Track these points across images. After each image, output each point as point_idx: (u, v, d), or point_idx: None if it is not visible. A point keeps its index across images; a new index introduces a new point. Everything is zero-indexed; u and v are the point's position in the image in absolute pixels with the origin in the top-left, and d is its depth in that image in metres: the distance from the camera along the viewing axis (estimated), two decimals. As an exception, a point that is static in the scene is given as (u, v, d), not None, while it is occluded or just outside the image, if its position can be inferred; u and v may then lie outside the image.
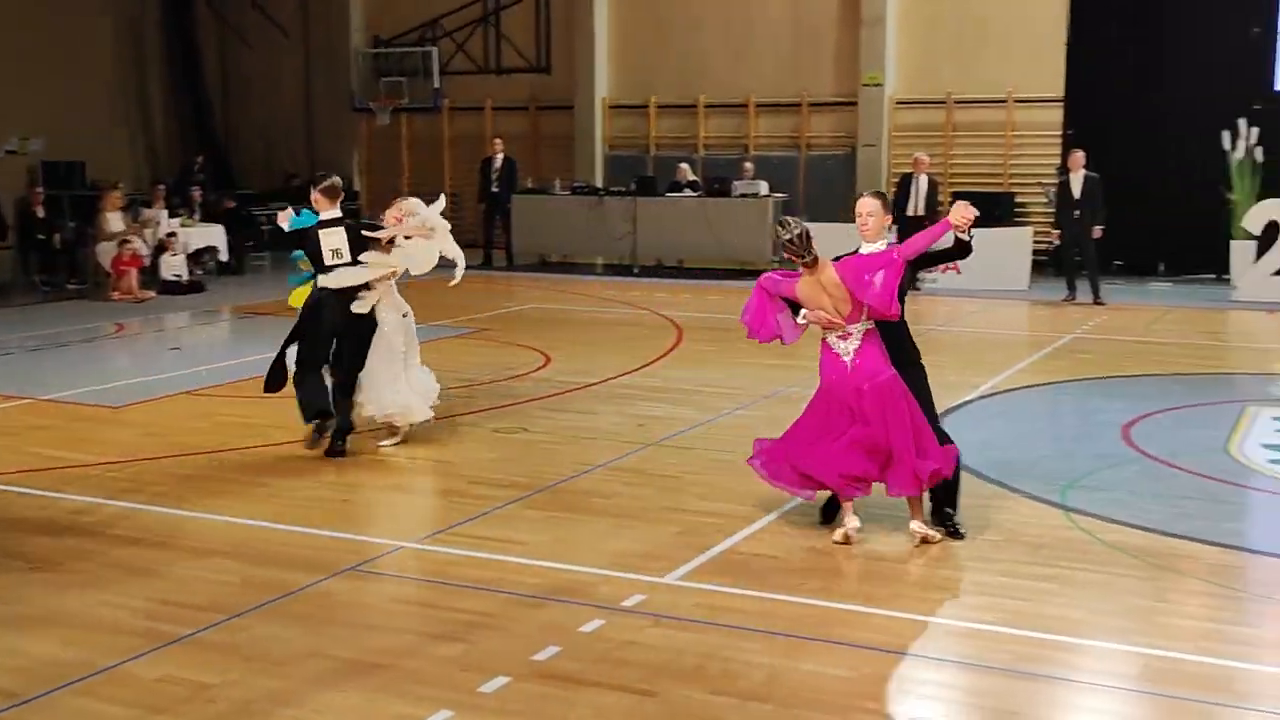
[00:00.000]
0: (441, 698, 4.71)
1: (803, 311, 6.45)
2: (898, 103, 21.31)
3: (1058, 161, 18.67)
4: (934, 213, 17.86)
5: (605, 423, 9.36)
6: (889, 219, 6.58)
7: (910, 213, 17.65)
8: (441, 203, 8.67)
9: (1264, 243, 16.30)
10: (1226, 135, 17.31)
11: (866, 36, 21.09)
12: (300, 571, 6.09)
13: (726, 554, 6.37)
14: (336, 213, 8.40)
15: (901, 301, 6.30)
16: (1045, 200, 18.53)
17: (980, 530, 6.75)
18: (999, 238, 18.38)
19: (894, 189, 18.60)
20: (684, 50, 22.60)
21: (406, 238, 8.45)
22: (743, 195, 19.43)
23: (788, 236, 6.33)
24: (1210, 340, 13.69)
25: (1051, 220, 17.46)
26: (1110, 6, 18.83)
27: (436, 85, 23.26)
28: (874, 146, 21.24)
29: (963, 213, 6.24)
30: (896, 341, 6.50)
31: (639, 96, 23.17)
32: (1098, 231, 16.21)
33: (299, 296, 8.63)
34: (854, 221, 6.57)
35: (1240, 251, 16.70)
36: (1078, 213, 16.26)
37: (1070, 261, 16.77)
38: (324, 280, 8.24)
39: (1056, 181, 17.37)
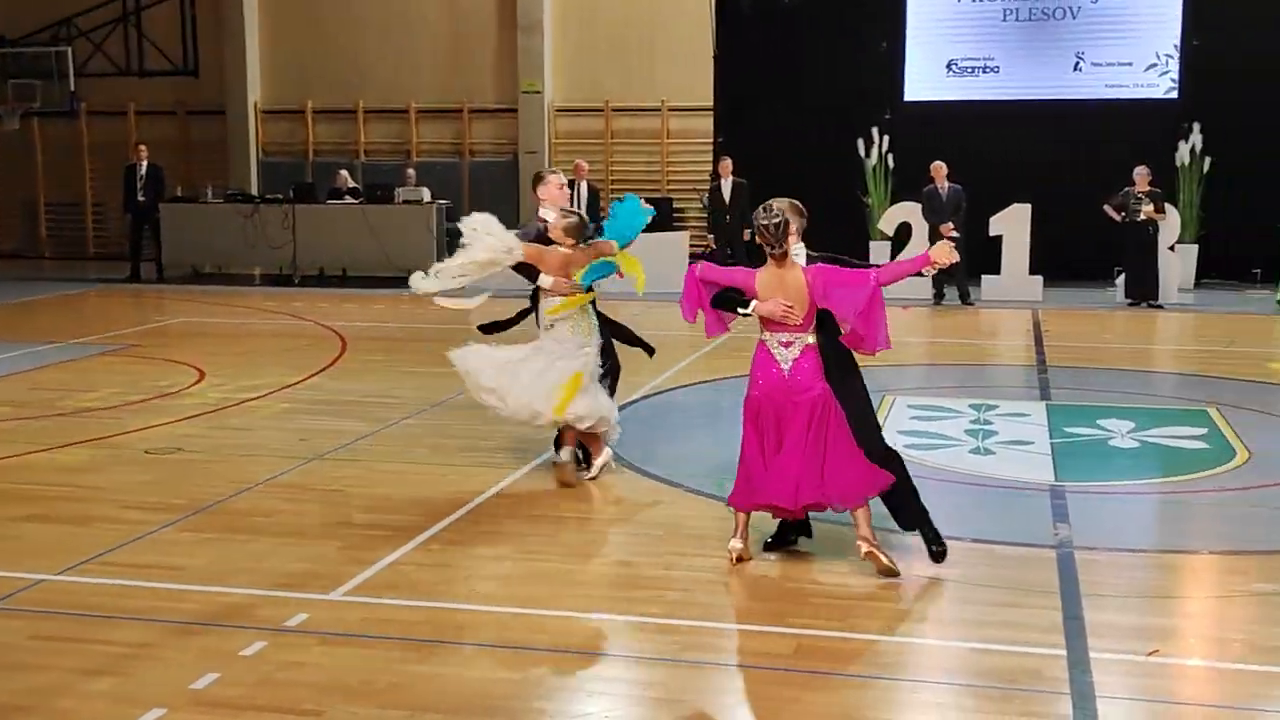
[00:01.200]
0: (88, 738, 4.42)
1: (754, 303, 6.00)
2: (558, 109, 21.63)
3: (710, 167, 19.40)
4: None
5: (265, 438, 9.04)
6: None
7: (572, 218, 17.92)
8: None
9: (898, 243, 17.47)
10: (861, 143, 18.45)
11: (524, 43, 21.31)
12: (-77, 614, 5.58)
13: (394, 566, 6.26)
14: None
15: None
16: (700, 205, 19.23)
17: (644, 525, 6.92)
18: (658, 242, 18.93)
19: (556, 195, 18.80)
20: (341, 54, 22.19)
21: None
22: (406, 202, 19.21)
23: (766, 222, 5.92)
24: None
25: (706, 224, 18.14)
26: (752, 19, 19.71)
27: (72, 88, 21.83)
28: (536, 153, 21.49)
29: (947, 255, 5.92)
30: (839, 350, 6.16)
31: (294, 101, 22.57)
32: (747, 234, 16.96)
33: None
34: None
35: (878, 252, 17.82)
36: (729, 217, 16.97)
37: (725, 264, 17.43)
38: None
39: (710, 188, 18.05)
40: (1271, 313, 15.89)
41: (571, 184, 18.03)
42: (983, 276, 17.15)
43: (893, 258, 17.43)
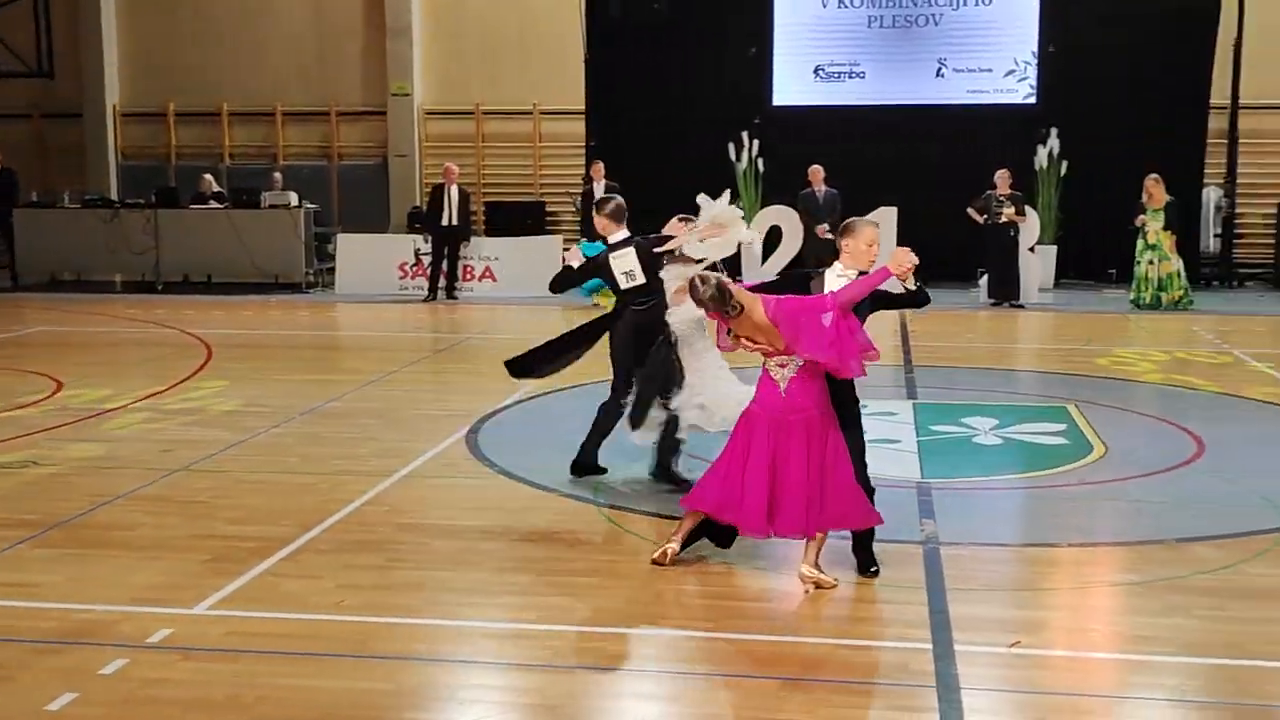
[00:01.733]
0: (-64, 765, 4.24)
1: (731, 332, 5.96)
2: (427, 113, 21.45)
3: (582, 171, 19.40)
4: (467, 224, 18.14)
5: (126, 450, 8.78)
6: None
7: (445, 223, 17.82)
8: (726, 196, 7.54)
9: (768, 246, 17.68)
10: (732, 147, 18.64)
11: (393, 46, 21.09)
12: None
13: (261, 577, 6.13)
14: (624, 233, 7.74)
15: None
16: (573, 209, 19.22)
17: (521, 532, 6.88)
18: (531, 246, 18.92)
19: (426, 200, 18.72)
20: (203, 55, 21.72)
21: (700, 240, 7.40)
22: (272, 206, 18.85)
23: (706, 295, 5.79)
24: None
25: (578, 228, 18.15)
26: (623, 24, 19.78)
27: (-82, 89, 21.03)
28: (406, 157, 21.29)
29: (901, 261, 5.78)
30: (838, 393, 6.00)
31: (155, 103, 22.04)
32: (623, 238, 17.00)
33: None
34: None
35: (748, 254, 18.00)
36: (602, 220, 16.96)
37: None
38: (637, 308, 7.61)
39: (582, 191, 18.06)
40: (1127, 311, 16.42)
41: (441, 188, 17.97)
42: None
43: (764, 260, 17.67)
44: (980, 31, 19.44)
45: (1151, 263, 16.55)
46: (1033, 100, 19.29)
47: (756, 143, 18.69)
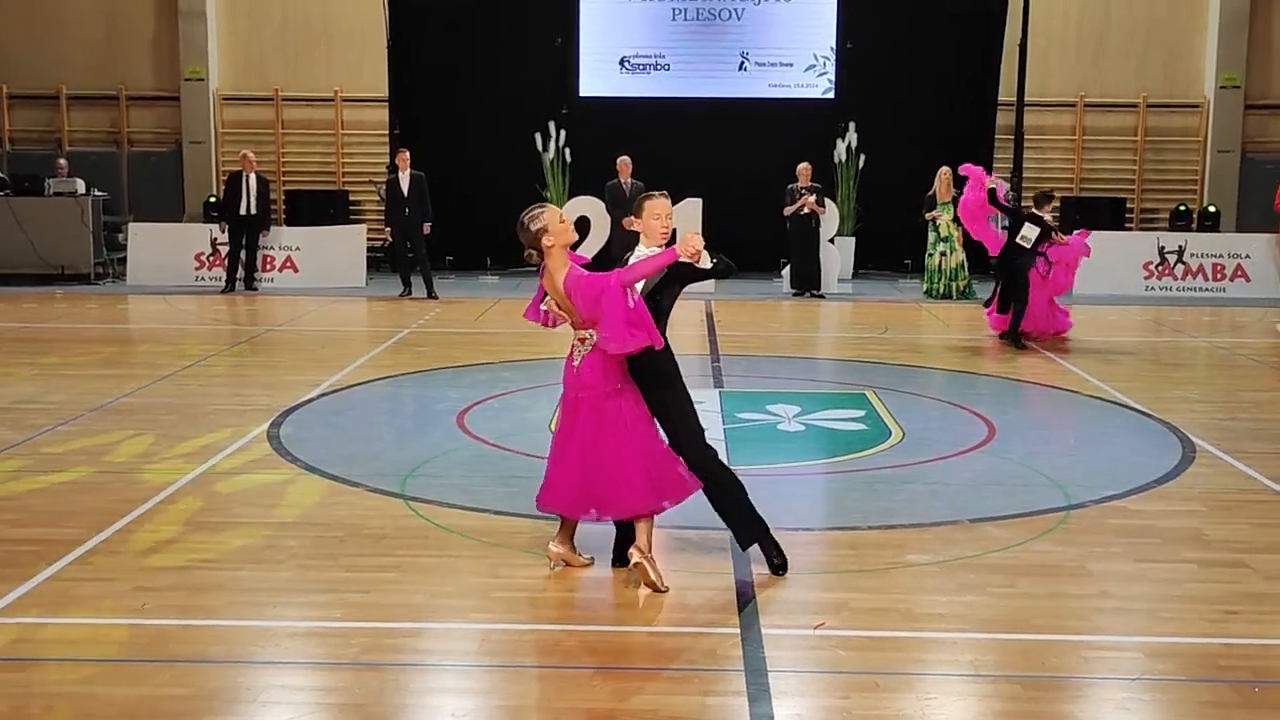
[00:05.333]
0: None
1: (546, 298, 5.96)
2: (224, 98, 20.78)
3: (387, 160, 19.09)
4: (266, 213, 17.67)
5: (-101, 451, 8.28)
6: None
7: (243, 212, 17.34)
8: None
9: (577, 236, 17.68)
10: (539, 137, 18.61)
11: (186, 29, 20.36)
12: None
13: (49, 583, 5.84)
14: None
15: (661, 319, 5.86)
16: (377, 198, 18.91)
17: (323, 527, 6.73)
18: (334, 236, 18.55)
19: (223, 188, 18.18)
20: (-21, 35, 20.59)
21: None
22: (57, 194, 18.00)
23: (519, 226, 5.84)
24: (535, 328, 14.57)
25: (383, 218, 17.88)
26: (427, 11, 19.53)
27: None
28: (201, 143, 20.61)
29: (688, 244, 5.64)
30: (646, 360, 5.85)
31: (-73, 85, 20.79)
32: (427, 228, 16.83)
33: None
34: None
35: (556, 245, 18.01)
36: (407, 210, 16.77)
37: (404, 258, 17.25)
38: None
39: (386, 180, 17.78)
40: (920, 301, 17.00)
41: (238, 175, 17.45)
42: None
43: (575, 249, 17.65)
44: (781, 26, 19.85)
45: (944, 254, 17.17)
46: (832, 95, 19.79)
47: (564, 133, 18.71)
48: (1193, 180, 20.85)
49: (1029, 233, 12.90)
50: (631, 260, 5.95)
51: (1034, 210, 13.14)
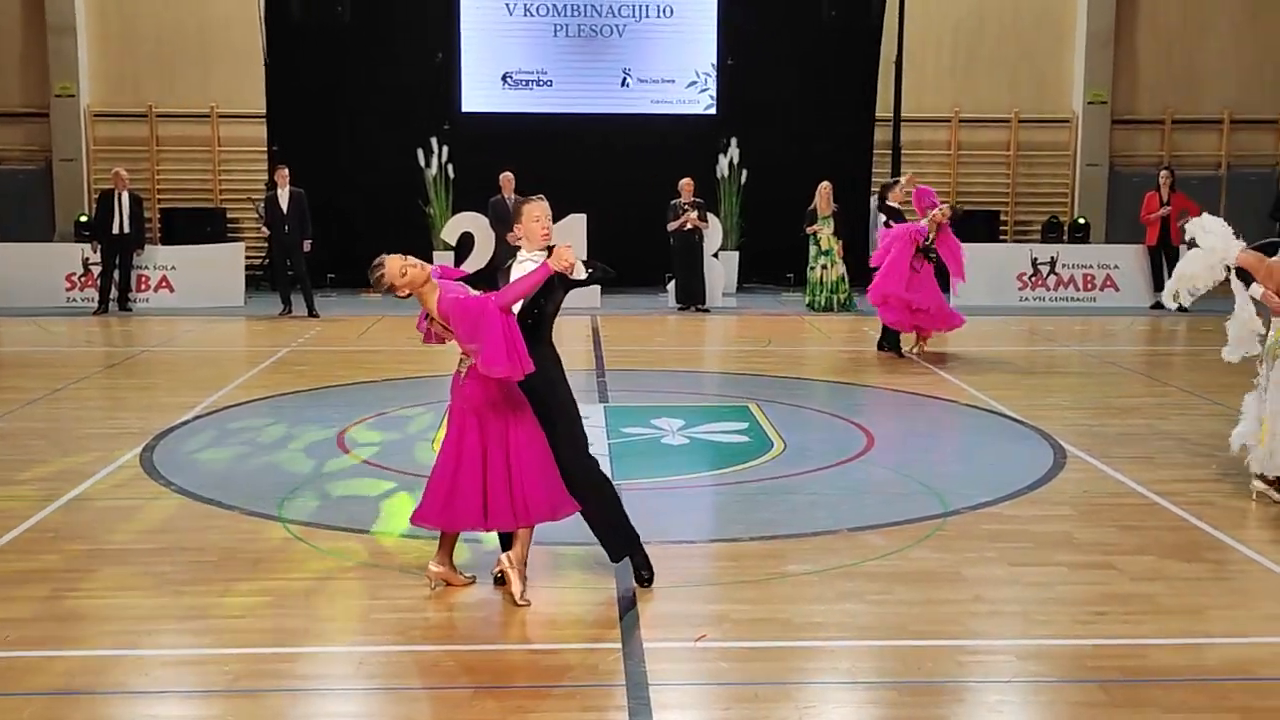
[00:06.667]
0: None
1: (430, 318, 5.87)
2: (95, 114, 20.28)
3: (266, 177, 18.79)
4: (140, 232, 17.28)
5: None
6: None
7: (115, 231, 16.95)
8: None
9: (460, 253, 17.59)
10: (421, 153, 18.48)
11: (55, 44, 19.84)
12: None
13: (-94, 616, 5.63)
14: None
15: (538, 330, 5.82)
16: (256, 216, 18.59)
17: (197, 551, 6.58)
18: (212, 254, 18.20)
19: (95, 206, 17.76)
20: None
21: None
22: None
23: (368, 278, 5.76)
24: (418, 346, 14.43)
25: (263, 236, 17.61)
26: (305, 27, 19.28)
27: None
28: (72, 161, 20.06)
29: (561, 257, 5.60)
30: (540, 367, 5.76)
31: None
32: (307, 245, 16.60)
33: None
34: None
35: (441, 262, 17.87)
36: (287, 227, 16.53)
37: (283, 276, 16.99)
38: None
39: (265, 197, 17.50)
40: (803, 313, 17.21)
41: (110, 194, 17.04)
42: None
43: (456, 265, 17.57)
44: (663, 43, 19.97)
45: (825, 267, 17.41)
46: (713, 111, 19.96)
47: (446, 149, 18.61)
48: (1063, 193, 21.42)
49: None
50: (513, 270, 5.93)
51: (885, 204, 13.64)
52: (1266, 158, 21.26)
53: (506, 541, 6.01)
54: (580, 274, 5.75)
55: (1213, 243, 7.69)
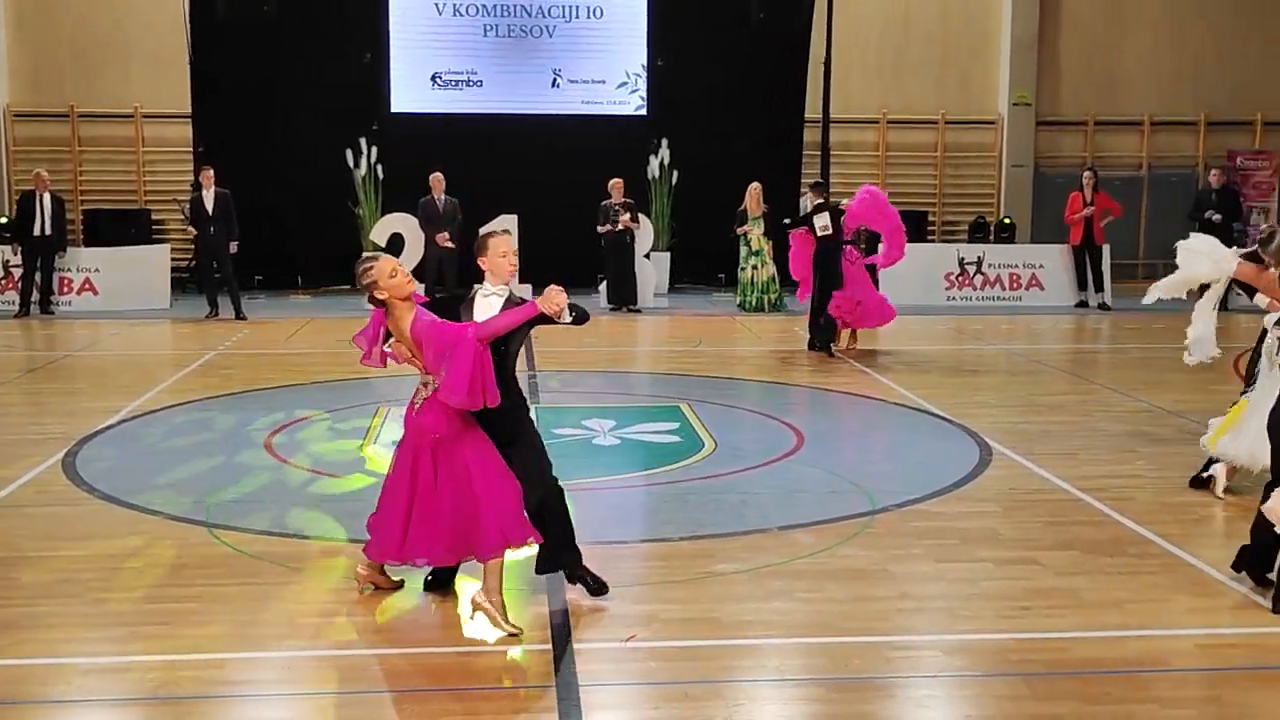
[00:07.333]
0: None
1: (391, 340, 5.70)
2: (15, 115, 19.91)
3: (191, 178, 18.52)
4: (62, 234, 17.00)
5: None
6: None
7: (36, 233, 16.66)
8: None
9: (390, 253, 17.47)
10: (350, 153, 18.33)
11: (-28, 43, 19.44)
12: None
13: None
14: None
15: (504, 364, 5.63)
16: (182, 217, 18.34)
17: (120, 558, 6.49)
18: (136, 256, 17.93)
19: (15, 208, 17.44)
20: None
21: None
22: None
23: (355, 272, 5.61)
24: (347, 348, 14.32)
25: (189, 237, 17.38)
26: (230, 26, 19.02)
27: None
28: (-10, 162, 19.67)
29: (552, 300, 5.48)
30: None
31: None
32: (233, 247, 16.40)
33: None
34: None
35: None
36: (212, 229, 16.32)
37: (210, 278, 16.78)
38: None
39: (190, 198, 17.26)
40: (734, 313, 17.28)
41: (31, 195, 16.74)
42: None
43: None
44: (593, 44, 19.95)
45: (755, 268, 17.49)
46: (644, 111, 19.98)
47: (375, 149, 18.46)
48: (989, 194, 21.70)
49: (822, 220, 13.35)
50: (476, 302, 5.79)
51: (815, 201, 13.78)
52: (1186, 159, 21.69)
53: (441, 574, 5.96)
54: (565, 318, 5.60)
55: (1204, 264, 7.44)
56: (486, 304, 5.79)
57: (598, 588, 5.96)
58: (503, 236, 5.92)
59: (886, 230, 13.69)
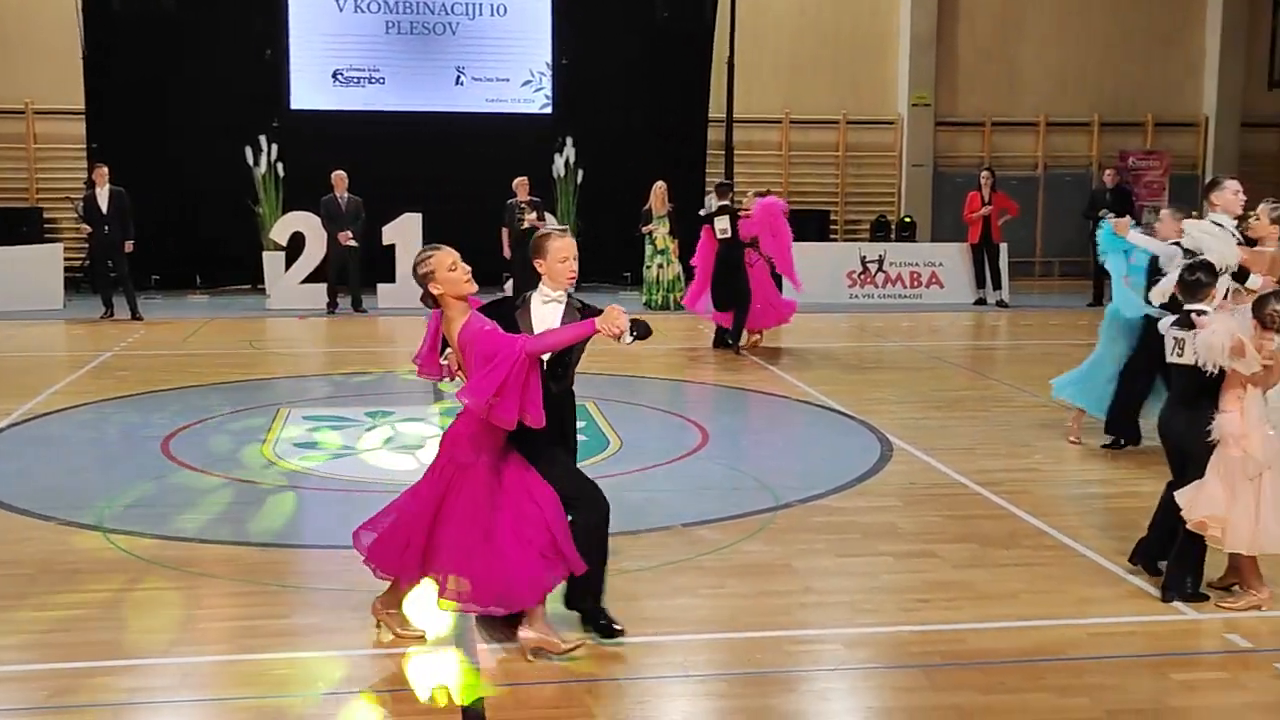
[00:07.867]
0: None
1: (447, 351, 5.25)
2: (-101, 112, 19.31)
3: (85, 175, 18.12)
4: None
5: None
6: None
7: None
8: None
9: (291, 253, 17.27)
10: (250, 151, 18.04)
11: None
12: None
13: None
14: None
15: (558, 380, 5.25)
16: (75, 216, 17.93)
17: (11, 565, 6.33)
18: (28, 256, 17.50)
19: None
20: None
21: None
22: None
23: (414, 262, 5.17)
24: (247, 349, 14.17)
25: (84, 236, 17.00)
26: (126, 21, 18.64)
27: None
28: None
29: (612, 322, 4.98)
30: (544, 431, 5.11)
31: None
32: (128, 246, 16.06)
33: None
34: None
35: (271, 262, 17.51)
36: (107, 228, 15.97)
37: (105, 278, 16.42)
38: None
39: (84, 196, 16.87)
40: (640, 311, 17.32)
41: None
42: (378, 285, 17.40)
43: (287, 267, 17.25)
44: (497, 41, 19.87)
45: (660, 266, 17.57)
46: (549, 110, 19.95)
47: (275, 147, 18.19)
48: (890, 193, 22.01)
49: (722, 223, 13.46)
50: (532, 307, 5.41)
51: (718, 203, 13.85)
52: (1080, 159, 22.21)
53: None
54: (627, 339, 5.07)
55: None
56: (545, 310, 5.39)
57: (611, 631, 5.46)
58: (563, 240, 5.41)
59: (775, 251, 13.72)
